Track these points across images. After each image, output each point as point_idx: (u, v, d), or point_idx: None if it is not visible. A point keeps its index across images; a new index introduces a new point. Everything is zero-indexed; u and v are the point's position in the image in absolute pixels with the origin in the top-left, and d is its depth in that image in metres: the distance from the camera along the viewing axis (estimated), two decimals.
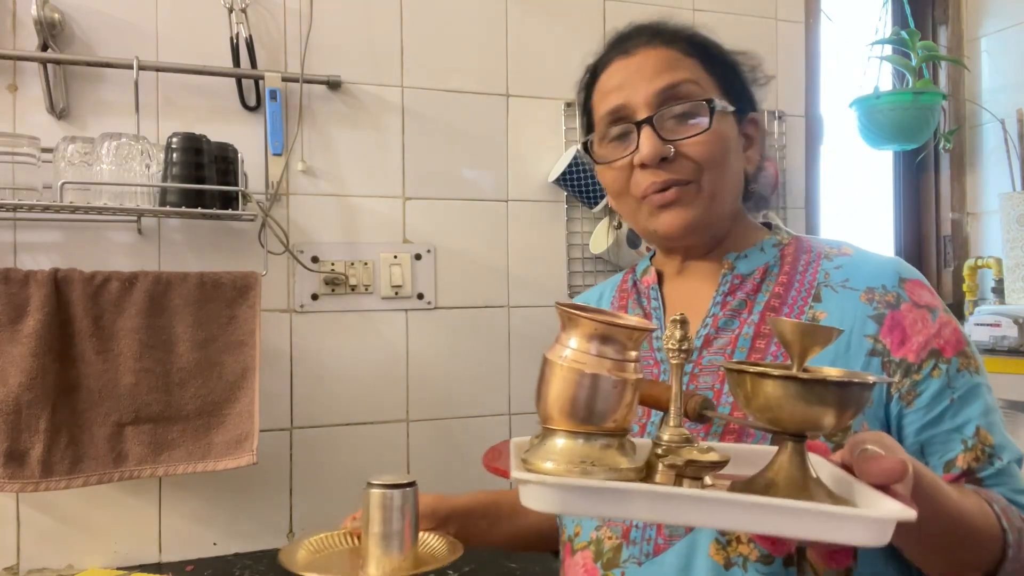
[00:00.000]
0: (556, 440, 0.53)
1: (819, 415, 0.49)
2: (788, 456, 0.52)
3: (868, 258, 0.80)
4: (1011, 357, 1.75)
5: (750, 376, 0.51)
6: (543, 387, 0.54)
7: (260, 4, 1.44)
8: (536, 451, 0.53)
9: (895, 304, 0.75)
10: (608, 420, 0.52)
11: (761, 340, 0.76)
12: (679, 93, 0.78)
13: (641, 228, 0.84)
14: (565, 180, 1.58)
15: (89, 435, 1.22)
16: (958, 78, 2.10)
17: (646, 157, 0.77)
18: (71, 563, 1.31)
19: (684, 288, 0.86)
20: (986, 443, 0.72)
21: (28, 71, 1.31)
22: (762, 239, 0.85)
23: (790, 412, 0.50)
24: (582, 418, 0.52)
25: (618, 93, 0.80)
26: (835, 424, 0.50)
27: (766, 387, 0.50)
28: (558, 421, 0.53)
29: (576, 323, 0.53)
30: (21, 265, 1.29)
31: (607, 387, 0.52)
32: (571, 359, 0.52)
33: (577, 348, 0.52)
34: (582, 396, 0.52)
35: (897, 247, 2.21)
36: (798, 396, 0.49)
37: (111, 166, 1.23)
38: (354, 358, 1.49)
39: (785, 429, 0.52)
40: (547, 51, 1.63)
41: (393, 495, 0.80)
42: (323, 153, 1.48)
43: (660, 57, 0.80)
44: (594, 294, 0.99)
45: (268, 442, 1.41)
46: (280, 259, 1.43)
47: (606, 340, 0.52)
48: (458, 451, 1.55)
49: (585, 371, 0.52)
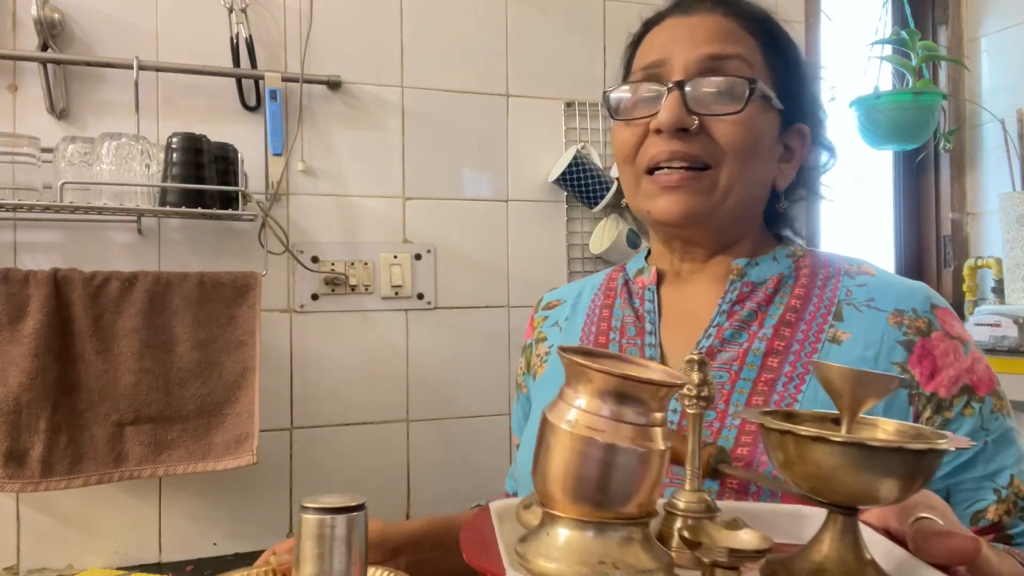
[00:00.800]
0: (559, 530, 0.41)
1: (880, 487, 0.39)
2: (838, 534, 0.42)
3: (894, 279, 0.73)
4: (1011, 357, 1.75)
5: (793, 437, 0.40)
6: (543, 457, 0.41)
7: (260, 4, 1.44)
8: (534, 543, 0.41)
9: (926, 331, 0.68)
10: (630, 504, 0.40)
11: (774, 358, 0.69)
12: (724, 67, 0.70)
13: (637, 205, 0.76)
14: (565, 180, 1.58)
15: (89, 435, 1.22)
16: (958, 78, 2.10)
17: (663, 122, 0.69)
18: (71, 563, 1.31)
19: (684, 292, 0.78)
20: (1019, 494, 0.65)
21: (28, 71, 1.31)
22: (774, 249, 0.78)
23: (843, 483, 0.40)
24: (596, 502, 0.40)
25: (662, 49, 0.73)
26: (897, 497, 0.40)
27: (816, 452, 0.39)
28: (563, 506, 0.40)
29: (586, 377, 0.40)
30: (21, 265, 1.29)
31: (630, 462, 0.39)
32: (581, 423, 0.40)
33: (588, 410, 0.40)
34: (596, 474, 0.39)
35: (897, 247, 2.21)
36: (860, 465, 0.39)
37: (111, 166, 1.23)
38: (354, 358, 1.49)
39: (831, 500, 0.41)
40: (547, 51, 1.63)
41: (336, 522, 0.60)
42: (323, 153, 1.48)
43: (718, 24, 0.72)
44: (571, 291, 0.90)
45: (268, 442, 1.41)
46: (280, 259, 1.43)
47: (625, 399, 0.40)
48: (458, 451, 1.55)
49: (600, 441, 0.39)
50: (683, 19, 0.74)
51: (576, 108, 1.64)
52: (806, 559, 0.42)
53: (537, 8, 1.63)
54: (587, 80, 1.66)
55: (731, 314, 0.73)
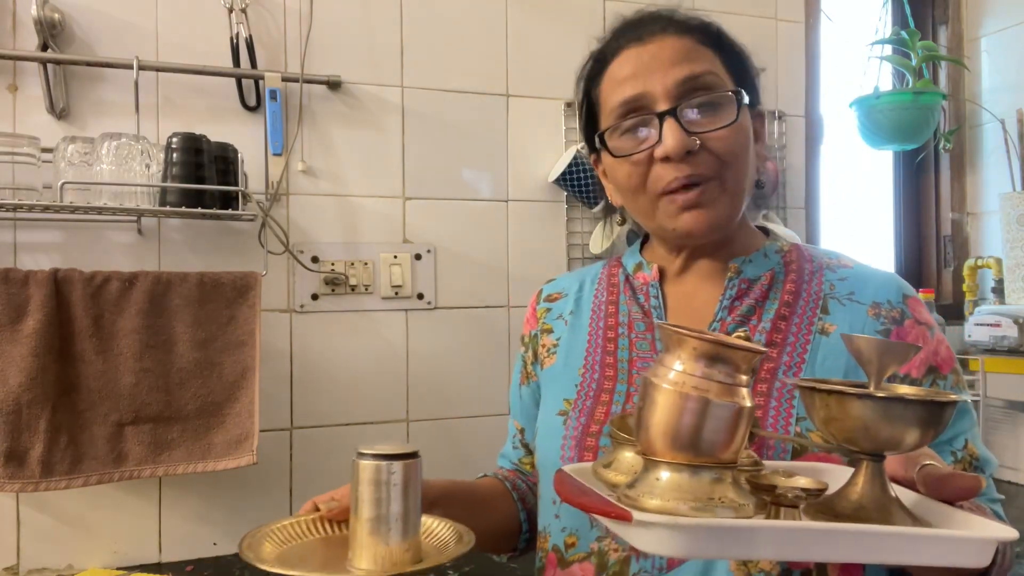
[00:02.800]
0: (661, 473, 0.48)
1: (905, 435, 0.48)
2: (868, 477, 0.50)
3: (869, 272, 0.81)
4: (1011, 357, 1.75)
5: (837, 397, 0.49)
6: (647, 413, 0.48)
7: (260, 4, 1.44)
8: (640, 486, 0.48)
9: (900, 320, 0.76)
10: (722, 451, 0.47)
11: (772, 348, 0.76)
12: (701, 84, 0.74)
13: (656, 225, 0.79)
14: (565, 180, 1.58)
15: (89, 435, 1.22)
16: (958, 78, 2.10)
17: (671, 150, 0.72)
18: (71, 563, 1.31)
19: (685, 288, 0.83)
20: (973, 455, 0.74)
21: (28, 71, 1.31)
22: (763, 244, 0.83)
23: (877, 432, 0.48)
24: (695, 449, 0.47)
25: (633, 82, 0.76)
26: (917, 444, 0.49)
27: (856, 408, 0.48)
28: (666, 453, 0.47)
29: (688, 344, 0.48)
30: (21, 265, 1.29)
31: (724, 414, 0.47)
32: (682, 383, 0.47)
33: (685, 371, 0.47)
34: (694, 424, 0.47)
35: (897, 247, 2.21)
36: (892, 417, 0.48)
37: (111, 166, 1.23)
38: (354, 358, 1.49)
39: (862, 449, 0.50)
40: (547, 51, 1.63)
41: (393, 467, 0.62)
42: (323, 153, 1.48)
43: (676, 46, 0.76)
44: (571, 283, 0.94)
45: (268, 442, 1.41)
46: (280, 259, 1.43)
47: (717, 361, 0.47)
48: (458, 451, 1.55)
49: (698, 396, 0.47)
50: (642, 49, 0.77)
51: (576, 108, 1.64)
52: (845, 499, 0.50)
53: (537, 8, 1.63)
54: None
55: (732, 310, 0.79)
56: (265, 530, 0.68)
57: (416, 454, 0.64)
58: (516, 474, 0.95)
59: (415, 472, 0.63)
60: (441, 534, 0.69)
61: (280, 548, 0.67)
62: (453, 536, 0.68)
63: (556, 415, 0.83)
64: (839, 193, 2.06)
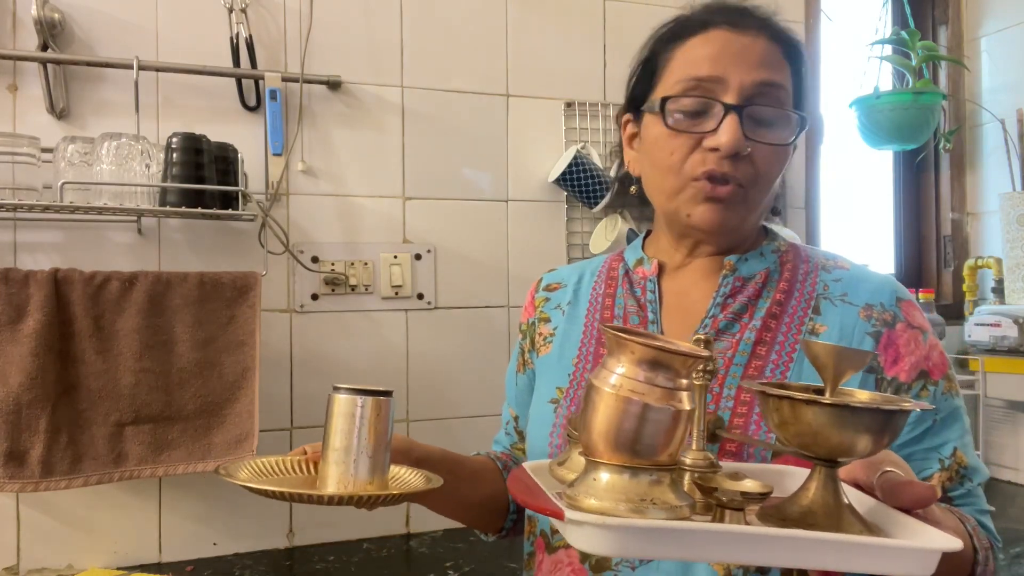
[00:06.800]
0: (600, 474, 0.49)
1: (857, 442, 0.48)
2: (821, 482, 0.51)
3: (865, 274, 0.81)
4: (1011, 357, 1.75)
5: (789, 402, 0.49)
6: (589, 416, 0.49)
7: (260, 4, 1.44)
8: (580, 486, 0.49)
9: (891, 323, 0.76)
10: (661, 454, 0.48)
11: (762, 347, 0.76)
12: (773, 95, 0.75)
13: (673, 208, 0.79)
14: (565, 180, 1.58)
15: (89, 435, 1.22)
16: (958, 78, 2.10)
17: (726, 145, 0.72)
18: (71, 563, 1.31)
19: (681, 284, 0.84)
20: (961, 464, 0.74)
21: (28, 71, 1.31)
22: (761, 243, 0.84)
23: (827, 438, 0.48)
24: (634, 451, 0.48)
25: (713, 63, 0.75)
26: (870, 451, 0.49)
27: (807, 414, 0.48)
28: (606, 454, 0.48)
29: (628, 348, 0.48)
30: (21, 265, 1.29)
31: (662, 418, 0.48)
32: (621, 387, 0.48)
33: (626, 375, 0.48)
34: (634, 427, 0.47)
35: (897, 247, 2.21)
36: (842, 424, 0.48)
37: (111, 166, 1.23)
38: (354, 358, 1.49)
39: (816, 454, 0.50)
40: (547, 51, 1.63)
41: (365, 403, 0.64)
42: (323, 153, 1.48)
43: (767, 49, 0.76)
44: (571, 274, 0.94)
45: (268, 442, 1.41)
46: (280, 259, 1.43)
47: (658, 366, 0.48)
48: (458, 451, 1.54)
49: (637, 400, 0.47)
50: (734, 36, 0.76)
51: (576, 108, 1.64)
52: (796, 503, 0.51)
53: (537, 8, 1.63)
54: (587, 80, 1.66)
55: (724, 307, 0.79)
56: (248, 461, 0.71)
57: (389, 393, 0.66)
58: (509, 457, 0.97)
59: (386, 409, 0.65)
60: (409, 480, 0.72)
61: (257, 477, 0.69)
62: (421, 481, 0.71)
63: (548, 403, 0.85)
64: (839, 193, 2.06)
